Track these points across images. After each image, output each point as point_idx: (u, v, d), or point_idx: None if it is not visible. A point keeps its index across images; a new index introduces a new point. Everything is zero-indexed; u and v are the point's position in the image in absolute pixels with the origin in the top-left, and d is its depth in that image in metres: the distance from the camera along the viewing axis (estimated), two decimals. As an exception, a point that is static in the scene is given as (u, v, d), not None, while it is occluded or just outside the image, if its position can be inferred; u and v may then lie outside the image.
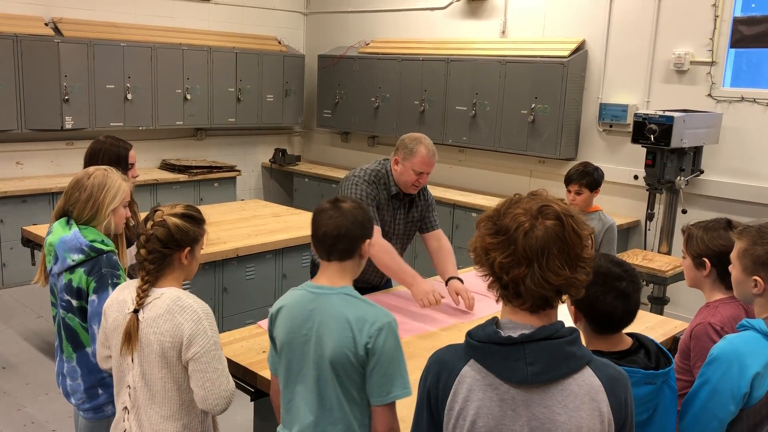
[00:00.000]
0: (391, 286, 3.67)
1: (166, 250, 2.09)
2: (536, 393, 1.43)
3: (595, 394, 1.45)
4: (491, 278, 1.50)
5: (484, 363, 1.46)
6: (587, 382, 1.45)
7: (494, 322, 1.51)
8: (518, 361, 1.42)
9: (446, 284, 3.35)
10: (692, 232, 2.37)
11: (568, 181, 3.92)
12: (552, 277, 1.42)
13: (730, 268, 2.12)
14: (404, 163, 3.31)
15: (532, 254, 1.42)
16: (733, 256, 2.10)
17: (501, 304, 1.54)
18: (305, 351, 1.99)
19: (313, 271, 3.76)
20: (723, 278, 2.26)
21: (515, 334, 1.45)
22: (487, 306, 3.27)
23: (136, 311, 2.06)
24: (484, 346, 1.47)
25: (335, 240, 2.01)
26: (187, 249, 2.14)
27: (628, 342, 1.87)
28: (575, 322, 1.84)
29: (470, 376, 1.46)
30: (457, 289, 3.26)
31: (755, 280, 2.01)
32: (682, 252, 2.43)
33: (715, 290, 2.33)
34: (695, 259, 2.34)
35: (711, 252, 2.29)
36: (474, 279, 3.81)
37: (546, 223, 1.43)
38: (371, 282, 3.59)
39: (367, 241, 2.07)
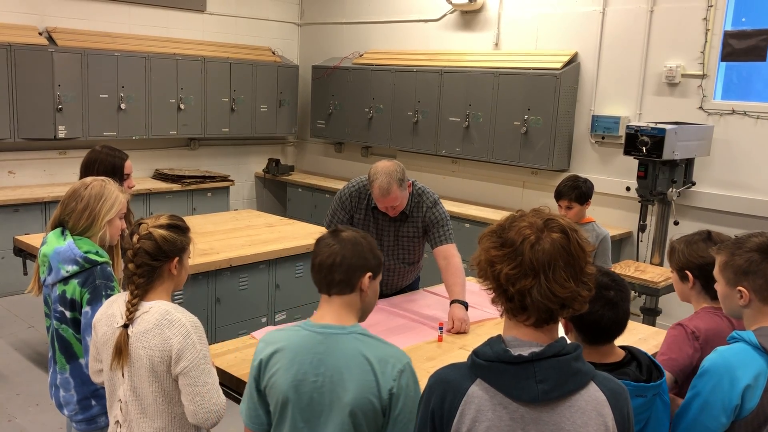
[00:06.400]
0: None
1: (156, 263, 2.09)
2: (545, 411, 1.43)
3: (601, 408, 1.46)
4: (496, 292, 1.50)
5: (492, 382, 1.45)
6: (593, 397, 1.46)
7: (500, 340, 1.50)
8: (529, 379, 1.43)
9: (450, 306, 3.24)
10: (675, 246, 2.40)
11: (558, 196, 3.93)
12: (558, 290, 1.43)
13: (716, 285, 2.13)
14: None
15: (539, 266, 1.43)
16: (715, 272, 2.11)
17: (504, 319, 1.53)
18: (315, 399, 1.81)
19: None
20: (707, 290, 2.28)
21: (525, 352, 1.45)
22: (472, 316, 3.29)
23: (126, 326, 2.06)
24: (493, 365, 1.46)
25: (330, 269, 1.88)
26: (176, 259, 2.14)
27: (620, 354, 1.88)
28: (566, 333, 1.85)
29: (478, 395, 1.45)
30: (454, 315, 3.14)
31: (740, 291, 2.02)
32: (670, 267, 2.46)
33: (701, 301, 2.35)
34: (679, 273, 2.37)
35: (692, 264, 2.31)
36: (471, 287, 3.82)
37: (552, 236, 1.45)
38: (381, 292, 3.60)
39: (368, 274, 1.91)
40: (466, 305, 3.23)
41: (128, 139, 7.02)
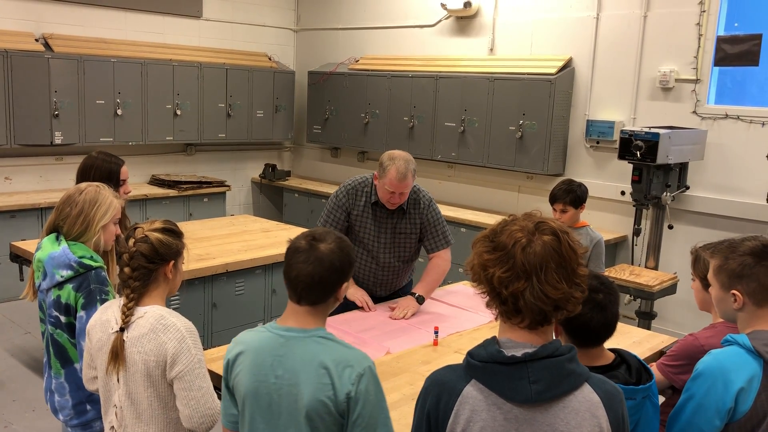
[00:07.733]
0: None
1: (152, 266, 2.10)
2: (539, 411, 1.44)
3: (595, 410, 1.47)
4: (490, 295, 1.51)
5: (487, 383, 1.46)
6: (587, 399, 1.47)
7: (494, 341, 1.51)
8: (522, 380, 1.44)
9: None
10: (699, 254, 2.39)
11: (553, 199, 3.96)
12: (551, 291, 1.45)
13: (710, 289, 2.13)
14: (380, 181, 3.39)
15: (530, 268, 1.45)
16: (710, 276, 2.11)
17: (499, 322, 1.55)
18: (274, 401, 1.80)
19: None
20: None
21: (518, 353, 1.46)
22: (468, 320, 3.32)
23: (121, 330, 2.06)
24: (487, 365, 1.47)
25: (308, 287, 1.82)
26: (172, 263, 2.15)
27: (610, 357, 1.89)
28: (556, 335, 1.86)
29: (473, 396, 1.47)
30: (400, 302, 3.43)
31: (734, 294, 2.02)
32: (691, 274, 2.45)
33: None
34: (703, 281, 2.36)
35: None
36: (461, 291, 3.84)
37: (543, 238, 1.47)
38: (377, 293, 3.65)
39: (345, 284, 1.89)
40: (421, 300, 3.43)
41: (124, 145, 7.02)
